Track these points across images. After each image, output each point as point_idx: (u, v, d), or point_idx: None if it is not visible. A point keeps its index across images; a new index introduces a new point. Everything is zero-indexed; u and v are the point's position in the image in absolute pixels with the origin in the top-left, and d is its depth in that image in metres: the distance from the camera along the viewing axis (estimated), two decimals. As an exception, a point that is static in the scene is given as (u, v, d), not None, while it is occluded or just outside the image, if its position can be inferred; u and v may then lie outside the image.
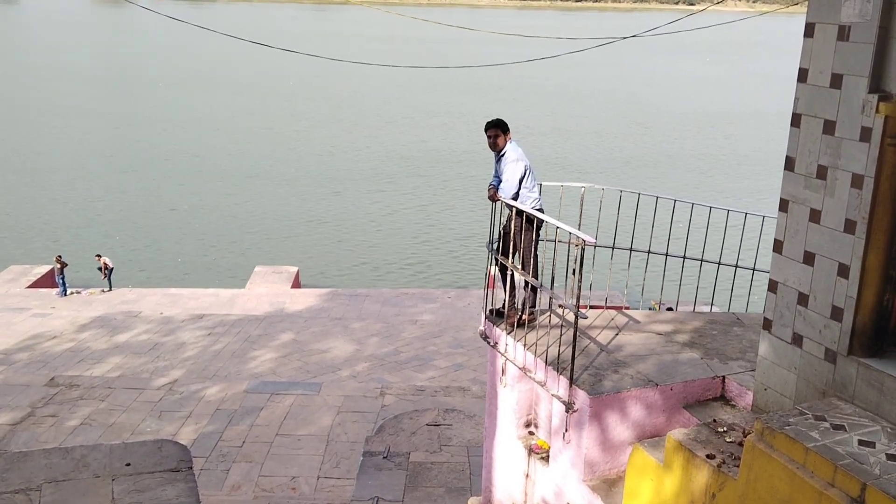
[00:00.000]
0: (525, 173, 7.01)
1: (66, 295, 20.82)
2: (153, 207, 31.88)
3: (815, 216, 4.66)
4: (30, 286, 21.65)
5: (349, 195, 34.42)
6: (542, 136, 45.90)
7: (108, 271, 21.72)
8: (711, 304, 10.63)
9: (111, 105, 54.16)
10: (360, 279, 25.20)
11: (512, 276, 7.01)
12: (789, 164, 4.81)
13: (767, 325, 5.05)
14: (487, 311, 7.34)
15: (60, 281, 20.89)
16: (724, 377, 6.20)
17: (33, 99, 55.02)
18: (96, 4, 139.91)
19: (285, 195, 34.06)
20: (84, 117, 49.49)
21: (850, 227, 4.44)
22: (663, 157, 42.99)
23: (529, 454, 6.75)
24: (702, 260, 8.14)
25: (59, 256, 21.54)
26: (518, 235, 6.91)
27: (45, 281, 22.10)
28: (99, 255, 22.25)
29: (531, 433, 6.97)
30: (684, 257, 8.08)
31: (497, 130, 7.09)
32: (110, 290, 21.50)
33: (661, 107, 58.46)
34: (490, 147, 7.19)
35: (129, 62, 73.84)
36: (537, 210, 6.99)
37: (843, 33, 4.41)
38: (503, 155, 7.10)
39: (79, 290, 21.33)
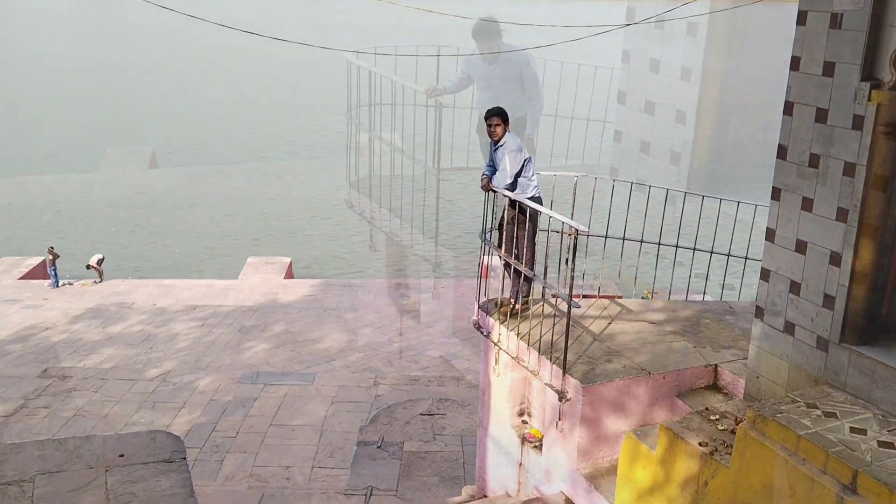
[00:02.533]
0: (524, 163, 6.99)
1: (58, 286, 20.74)
2: (146, 198, 31.73)
3: (807, 204, 4.66)
4: (21, 277, 21.53)
5: (343, 186, 34.29)
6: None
7: (98, 263, 21.61)
8: (704, 293, 10.65)
9: (100, 94, 53.77)
10: (354, 269, 25.16)
11: (508, 265, 7.02)
12: (781, 152, 4.81)
13: (759, 313, 5.06)
14: (481, 301, 7.34)
15: (52, 272, 20.79)
16: (716, 365, 6.22)
17: (22, 87, 54.60)
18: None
19: (279, 185, 33.94)
20: (73, 106, 49.16)
21: (842, 215, 4.45)
22: (660, 147, 42.91)
23: (523, 443, 6.77)
24: (694, 248, 8.16)
25: (52, 248, 21.41)
26: (512, 224, 6.90)
27: (37, 272, 21.99)
28: (89, 265, 21.80)
29: (524, 422, 6.99)
30: (677, 246, 8.10)
31: (499, 119, 7.04)
32: (101, 280, 21.41)
33: (655, 95, 58.32)
34: (489, 135, 7.13)
35: (118, 51, 73.28)
36: (536, 198, 6.96)
37: (836, 21, 4.41)
38: (502, 144, 7.05)
39: (71, 281, 21.24)
